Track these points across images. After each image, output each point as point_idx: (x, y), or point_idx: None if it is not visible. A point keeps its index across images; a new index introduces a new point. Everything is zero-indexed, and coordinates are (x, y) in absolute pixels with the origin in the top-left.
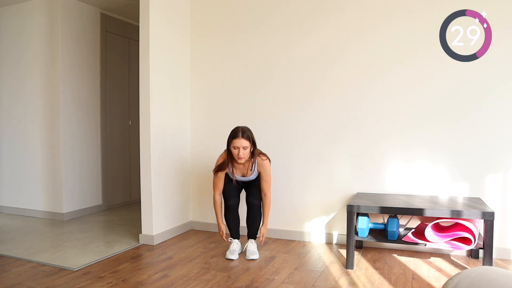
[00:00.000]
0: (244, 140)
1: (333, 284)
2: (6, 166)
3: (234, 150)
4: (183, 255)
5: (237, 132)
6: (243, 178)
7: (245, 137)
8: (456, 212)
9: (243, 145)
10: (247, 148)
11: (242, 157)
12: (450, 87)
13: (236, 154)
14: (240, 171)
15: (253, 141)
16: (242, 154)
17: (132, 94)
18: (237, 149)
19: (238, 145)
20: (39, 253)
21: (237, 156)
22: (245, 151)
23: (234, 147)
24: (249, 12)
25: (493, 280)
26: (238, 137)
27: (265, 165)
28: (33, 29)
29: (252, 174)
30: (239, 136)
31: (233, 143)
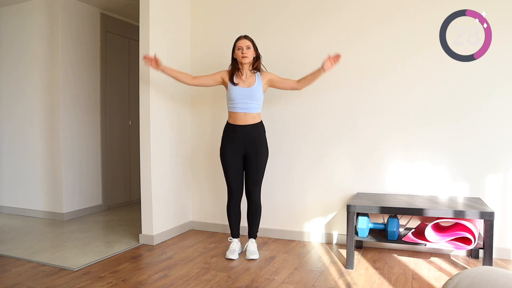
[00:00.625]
0: (247, 40)
1: (333, 284)
2: (6, 166)
3: (238, 52)
4: (183, 255)
5: (240, 35)
6: (247, 89)
7: (248, 39)
8: (456, 212)
9: (246, 44)
10: (250, 48)
11: (246, 56)
12: (450, 87)
13: (240, 53)
14: (243, 82)
15: (255, 46)
16: (246, 53)
17: (132, 94)
18: (241, 48)
19: (241, 44)
20: (39, 253)
21: (242, 55)
22: (248, 51)
23: (238, 47)
24: (249, 12)
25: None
26: (241, 38)
27: (270, 73)
28: (33, 29)
29: (255, 83)
30: (242, 37)
31: (237, 44)
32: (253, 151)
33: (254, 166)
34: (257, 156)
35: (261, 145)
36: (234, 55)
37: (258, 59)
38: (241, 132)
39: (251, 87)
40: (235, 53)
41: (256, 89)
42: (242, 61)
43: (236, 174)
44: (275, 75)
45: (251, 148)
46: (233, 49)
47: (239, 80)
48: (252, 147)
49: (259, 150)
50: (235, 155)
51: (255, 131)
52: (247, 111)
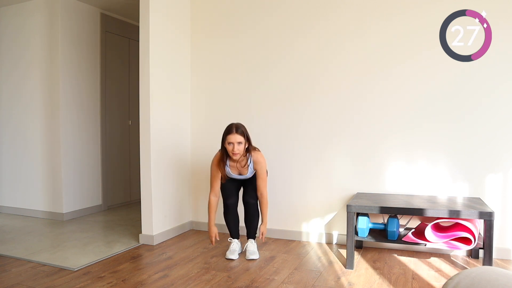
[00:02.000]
0: (238, 135)
1: (333, 284)
2: (6, 166)
3: (228, 146)
4: (183, 255)
5: (231, 128)
6: (240, 176)
7: (239, 133)
8: (456, 212)
9: (237, 140)
10: (242, 144)
11: (237, 152)
12: (450, 87)
13: (231, 149)
14: (236, 169)
15: (247, 137)
16: (236, 149)
17: (132, 94)
18: (232, 144)
19: (232, 140)
20: (39, 253)
21: (232, 152)
22: (239, 147)
23: (229, 143)
24: (249, 11)
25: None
26: (232, 133)
27: (261, 162)
28: (33, 29)
29: (248, 172)
30: (233, 131)
31: (227, 139)
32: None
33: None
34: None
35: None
36: (224, 145)
37: (249, 144)
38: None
39: (244, 175)
40: (225, 144)
41: (249, 175)
42: (232, 157)
43: (232, 193)
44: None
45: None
46: (223, 139)
47: (233, 169)
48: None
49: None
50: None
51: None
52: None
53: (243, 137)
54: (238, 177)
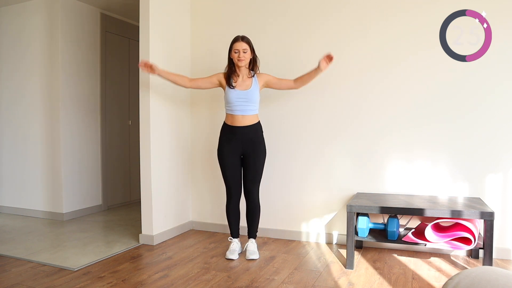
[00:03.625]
0: (244, 43)
1: (333, 284)
2: (6, 166)
3: (234, 54)
4: (183, 255)
5: (237, 37)
6: (243, 92)
7: (245, 41)
8: (456, 212)
9: (243, 48)
10: (247, 51)
11: (243, 59)
12: (450, 87)
13: (237, 56)
14: (240, 84)
15: (252, 48)
16: (242, 56)
17: (132, 94)
18: (238, 52)
19: (238, 47)
20: (39, 253)
21: (238, 58)
22: (245, 54)
23: (235, 50)
24: (249, 13)
25: (493, 280)
26: (238, 41)
27: (266, 74)
28: (33, 29)
29: (252, 85)
30: (239, 39)
31: (233, 47)
32: (251, 151)
33: (252, 166)
34: (255, 156)
35: (259, 145)
36: (231, 56)
37: (255, 60)
38: (239, 133)
39: (247, 90)
40: (231, 54)
41: (253, 91)
42: (238, 64)
43: (234, 175)
44: (272, 76)
45: (249, 149)
46: (230, 50)
47: (236, 82)
48: (250, 148)
49: (257, 150)
50: (233, 156)
51: (253, 131)
52: (244, 113)
53: (249, 46)
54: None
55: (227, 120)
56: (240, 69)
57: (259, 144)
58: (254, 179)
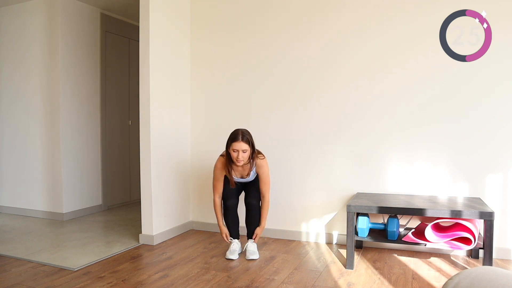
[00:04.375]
0: (243, 143)
1: (333, 284)
2: (6, 166)
3: (233, 153)
4: (183, 255)
5: (236, 135)
6: (242, 179)
7: (245, 141)
8: (456, 212)
9: (242, 148)
10: (247, 151)
11: (241, 160)
12: (450, 87)
13: (235, 157)
14: (239, 173)
15: (252, 144)
16: (241, 157)
17: (132, 94)
18: (237, 152)
19: (237, 148)
20: (39, 253)
21: (236, 159)
22: (244, 154)
23: (234, 150)
24: (249, 12)
25: (493, 280)
26: (238, 140)
27: (264, 166)
28: (33, 29)
29: (251, 176)
30: (239, 139)
31: (232, 146)
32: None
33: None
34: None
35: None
36: (229, 151)
37: (253, 152)
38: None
39: (246, 178)
40: (229, 150)
41: (251, 178)
42: (236, 163)
43: (232, 195)
44: (261, 173)
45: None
46: (228, 145)
47: (236, 172)
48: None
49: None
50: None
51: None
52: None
53: (248, 145)
54: (241, 180)
55: None
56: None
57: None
58: (255, 196)
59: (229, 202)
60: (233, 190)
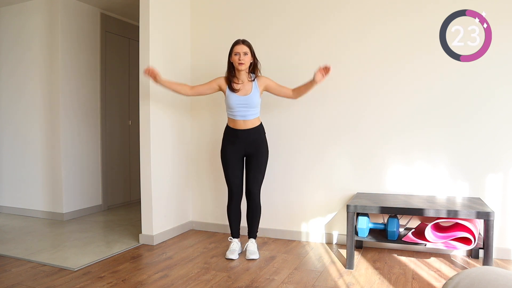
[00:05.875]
0: (244, 46)
1: (333, 284)
2: (6, 166)
3: (235, 57)
4: (183, 255)
5: (238, 40)
6: (243, 98)
7: (246, 44)
8: (456, 212)
9: (243, 50)
10: (248, 54)
11: (243, 62)
12: (450, 88)
13: (237, 59)
14: (240, 88)
15: (253, 52)
16: (243, 59)
17: (132, 94)
18: (238, 54)
19: (239, 50)
20: (39, 253)
21: (238, 61)
22: (245, 57)
23: (235, 53)
24: (249, 12)
25: (493, 280)
26: (239, 43)
27: (267, 78)
28: (33, 29)
29: (252, 90)
30: (239, 42)
31: (234, 49)
32: (253, 152)
33: (255, 166)
34: (257, 156)
35: (261, 146)
36: (231, 59)
37: (255, 64)
38: (242, 135)
39: (248, 95)
40: (231, 58)
41: (253, 96)
42: (238, 67)
43: (236, 175)
44: (272, 81)
45: (252, 149)
46: (230, 53)
47: (236, 87)
48: (252, 148)
49: (259, 150)
50: (236, 157)
51: (255, 133)
52: (245, 118)
53: (249, 49)
54: (241, 100)
55: (230, 123)
56: (240, 73)
57: (262, 145)
58: (256, 179)
59: (235, 190)
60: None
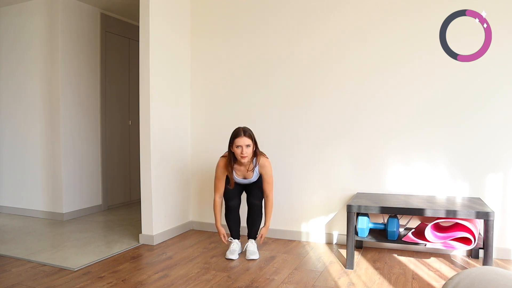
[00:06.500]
0: (246, 138)
1: (333, 284)
2: (6, 166)
3: (237, 150)
4: (183, 255)
5: (238, 131)
6: (244, 180)
7: (247, 136)
8: (456, 212)
9: (246, 143)
10: (250, 146)
11: (246, 155)
12: (450, 87)
13: (239, 152)
14: (242, 173)
15: (254, 140)
16: (245, 152)
17: (132, 94)
18: (240, 147)
19: (241, 143)
20: (39, 253)
21: (241, 155)
22: (248, 149)
23: (237, 146)
24: (249, 12)
25: (493, 280)
26: (240, 136)
27: (267, 166)
28: (33, 29)
29: (253, 176)
30: (241, 134)
31: (235, 142)
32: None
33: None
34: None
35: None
36: (232, 150)
37: (256, 153)
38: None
39: (249, 179)
40: (232, 148)
41: (254, 179)
42: (241, 160)
43: (234, 193)
44: (265, 173)
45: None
46: (231, 143)
47: (239, 173)
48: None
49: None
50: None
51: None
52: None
53: (251, 140)
54: (243, 181)
55: None
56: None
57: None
58: (257, 195)
59: (231, 202)
60: (235, 191)
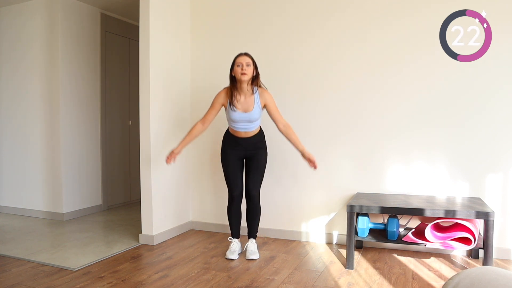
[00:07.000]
0: (247, 57)
1: (333, 284)
2: (6, 166)
3: (237, 68)
4: (183, 255)
5: (240, 53)
6: (245, 115)
7: (248, 56)
8: (456, 212)
9: (246, 61)
10: (250, 65)
11: (246, 73)
12: (450, 87)
13: (240, 70)
14: (242, 106)
15: (255, 64)
16: (245, 69)
17: (132, 94)
18: (241, 65)
19: (241, 61)
20: (39, 253)
21: (241, 72)
22: (248, 68)
23: (238, 64)
24: (250, 13)
25: (493, 280)
26: (241, 55)
27: (267, 93)
28: (33, 29)
29: (254, 107)
30: (242, 54)
31: (236, 61)
32: (253, 155)
33: (254, 168)
34: (257, 159)
35: (261, 149)
36: (233, 72)
37: (257, 76)
38: (242, 141)
39: (249, 112)
40: (234, 70)
41: (254, 113)
42: (241, 78)
43: (237, 177)
44: (272, 102)
45: (251, 152)
46: (232, 66)
47: (238, 102)
48: (252, 151)
49: (259, 153)
50: (236, 159)
51: (255, 138)
52: (247, 130)
53: (252, 60)
54: (243, 117)
55: (231, 130)
56: (242, 86)
57: (261, 148)
58: (255, 181)
59: (235, 192)
60: (236, 173)
